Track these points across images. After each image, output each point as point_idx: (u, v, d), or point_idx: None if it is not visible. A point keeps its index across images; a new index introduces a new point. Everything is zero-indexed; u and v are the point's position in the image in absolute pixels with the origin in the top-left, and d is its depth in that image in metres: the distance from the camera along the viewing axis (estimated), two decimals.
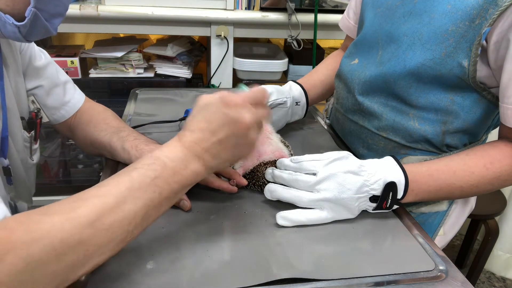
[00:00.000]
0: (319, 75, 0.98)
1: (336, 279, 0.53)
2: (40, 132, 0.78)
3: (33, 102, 0.76)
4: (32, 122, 0.74)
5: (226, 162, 0.55)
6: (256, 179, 0.69)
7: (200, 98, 0.54)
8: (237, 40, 1.57)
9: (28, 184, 0.77)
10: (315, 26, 1.50)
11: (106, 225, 0.44)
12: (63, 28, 1.41)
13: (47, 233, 0.41)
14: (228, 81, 1.58)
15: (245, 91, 0.54)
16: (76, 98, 0.82)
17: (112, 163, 0.76)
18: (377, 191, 0.62)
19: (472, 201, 0.83)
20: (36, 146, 0.77)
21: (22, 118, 0.72)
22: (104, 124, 0.79)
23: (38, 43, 0.79)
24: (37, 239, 0.40)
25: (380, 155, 0.67)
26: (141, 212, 0.47)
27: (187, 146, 0.51)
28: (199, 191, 0.67)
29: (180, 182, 0.50)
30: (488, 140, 0.74)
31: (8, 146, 0.65)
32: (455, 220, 0.80)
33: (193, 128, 0.52)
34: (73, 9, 1.36)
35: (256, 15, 1.46)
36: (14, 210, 0.69)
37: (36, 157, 0.78)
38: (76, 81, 0.86)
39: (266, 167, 0.68)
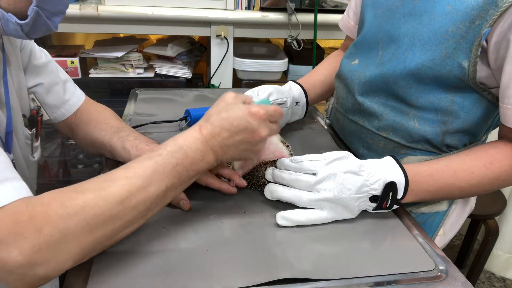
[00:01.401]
0: (319, 75, 0.98)
1: (336, 279, 0.53)
2: (41, 131, 0.78)
3: (33, 100, 0.77)
4: (33, 120, 0.75)
5: (232, 159, 0.63)
6: (256, 179, 0.69)
7: (229, 96, 0.61)
8: (237, 40, 1.57)
9: (30, 181, 0.78)
10: (315, 26, 1.50)
11: (133, 204, 0.50)
12: (63, 28, 1.41)
13: (82, 209, 0.46)
14: (228, 81, 1.58)
15: (267, 105, 0.61)
16: (76, 96, 0.83)
17: (112, 163, 0.76)
18: (377, 191, 0.62)
19: (472, 201, 0.83)
20: (37, 144, 0.78)
21: (24, 116, 0.73)
22: (104, 124, 0.79)
23: (38, 43, 0.80)
24: (73, 214, 0.45)
25: (380, 155, 0.67)
26: (162, 193, 0.53)
27: (207, 139, 0.57)
28: (199, 191, 0.67)
29: (196, 170, 0.57)
30: (488, 140, 0.74)
31: (12, 141, 0.67)
32: (455, 220, 0.80)
33: (216, 123, 0.58)
34: (73, 9, 1.36)
35: (256, 15, 1.46)
36: None
37: (37, 155, 0.79)
38: (76, 81, 0.86)
39: (266, 167, 0.68)
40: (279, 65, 1.55)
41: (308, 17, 1.48)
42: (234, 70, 1.58)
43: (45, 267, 0.44)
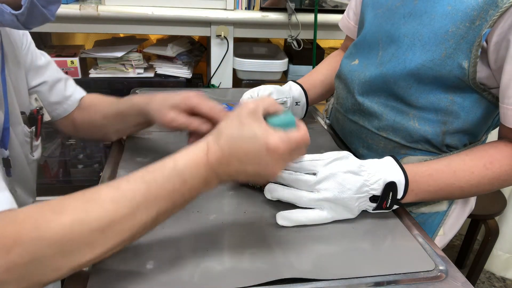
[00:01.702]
0: (319, 75, 0.98)
1: (336, 279, 0.53)
2: (41, 130, 0.79)
3: (36, 100, 0.78)
4: (32, 118, 0.76)
5: (236, 180, 0.56)
6: None
7: (245, 111, 0.50)
8: (237, 40, 1.57)
9: (30, 179, 0.79)
10: (315, 26, 1.49)
11: (115, 232, 0.45)
12: (63, 28, 1.41)
13: (56, 233, 0.42)
14: (228, 81, 1.58)
15: (291, 134, 0.50)
16: (77, 92, 0.85)
17: (113, 164, 0.76)
18: (377, 191, 0.62)
19: (472, 201, 0.83)
20: (37, 142, 0.79)
21: (23, 113, 0.73)
22: (108, 100, 0.83)
23: (38, 42, 0.81)
24: (46, 237, 0.42)
25: (380, 155, 0.67)
26: (151, 220, 0.48)
27: (213, 167, 0.50)
28: None
29: (193, 195, 0.51)
30: (488, 140, 0.74)
31: (9, 137, 0.66)
32: (455, 220, 0.80)
33: (226, 150, 0.49)
34: (73, 9, 1.36)
35: (256, 15, 1.46)
36: None
37: (37, 154, 0.79)
38: (76, 81, 0.88)
39: None
40: (279, 65, 1.55)
41: (308, 17, 1.48)
42: (234, 70, 1.58)
43: (16, 285, 0.42)
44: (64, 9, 1.34)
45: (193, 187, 0.50)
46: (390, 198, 0.63)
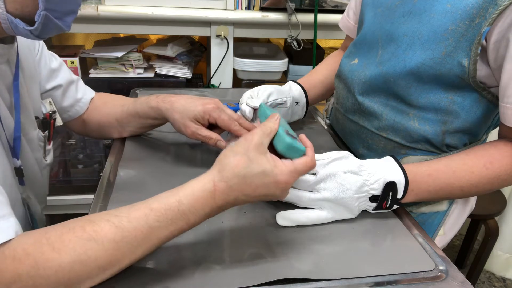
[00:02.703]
0: (319, 75, 0.98)
1: (336, 279, 0.53)
2: (53, 134, 0.80)
3: (50, 103, 0.78)
4: (45, 122, 0.76)
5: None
6: None
7: (253, 146, 0.50)
8: (237, 40, 1.56)
9: (42, 184, 0.79)
10: (315, 26, 1.49)
11: (116, 267, 0.47)
12: None
13: (55, 273, 0.43)
14: (228, 81, 1.58)
15: (300, 165, 0.52)
16: (87, 94, 0.86)
17: (113, 164, 0.76)
18: (377, 191, 0.62)
19: (472, 201, 0.83)
20: (49, 146, 0.79)
21: (37, 118, 0.74)
22: (121, 100, 0.84)
23: None
24: (44, 277, 0.42)
25: (380, 155, 0.67)
26: (150, 251, 0.50)
27: (219, 205, 0.51)
28: None
29: (192, 227, 0.51)
30: (488, 140, 0.74)
31: (20, 146, 0.66)
32: (455, 220, 0.80)
33: (235, 187, 0.50)
34: None
35: (256, 15, 1.46)
36: (27, 210, 0.70)
37: (49, 158, 0.80)
38: None
39: None
40: (279, 65, 1.55)
41: (308, 17, 1.48)
42: (234, 70, 1.58)
43: None
44: None
45: (195, 223, 0.51)
46: (390, 198, 0.63)
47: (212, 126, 0.73)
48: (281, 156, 0.53)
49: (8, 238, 0.43)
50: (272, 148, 0.54)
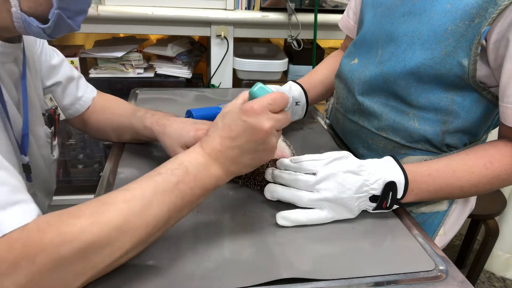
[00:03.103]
0: (319, 75, 0.98)
1: (336, 279, 0.53)
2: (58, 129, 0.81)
3: (51, 99, 0.79)
4: (51, 118, 0.77)
5: (247, 167, 0.56)
6: (256, 179, 0.69)
7: (224, 106, 0.57)
8: (237, 40, 1.57)
9: (50, 180, 0.80)
10: (315, 26, 1.49)
11: (132, 229, 0.47)
12: None
13: (77, 236, 0.44)
14: (228, 81, 1.58)
15: (266, 94, 0.53)
16: (89, 92, 0.86)
17: (113, 164, 0.76)
18: (377, 191, 0.62)
19: (472, 201, 0.83)
20: (55, 142, 0.80)
21: (43, 114, 0.75)
22: (119, 109, 0.83)
23: None
24: (68, 241, 0.43)
25: (380, 155, 0.67)
26: (164, 216, 0.50)
27: (208, 152, 0.53)
28: None
29: (201, 187, 0.52)
30: (488, 140, 0.74)
31: (28, 143, 0.67)
32: (455, 220, 0.80)
33: (214, 134, 0.54)
34: None
35: (256, 15, 1.46)
36: None
37: (56, 153, 0.81)
38: None
39: (267, 167, 0.67)
40: (279, 65, 1.55)
41: (308, 17, 1.48)
42: (234, 70, 1.58)
43: None
44: None
45: (197, 176, 0.52)
46: (390, 198, 0.63)
47: None
48: None
49: (32, 218, 0.45)
50: None
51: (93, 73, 1.50)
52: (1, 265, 0.41)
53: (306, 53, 1.58)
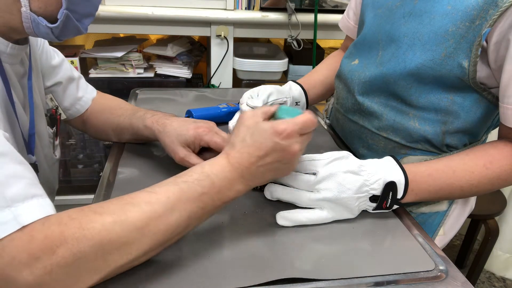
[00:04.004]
0: (319, 75, 0.98)
1: (336, 279, 0.53)
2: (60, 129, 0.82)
3: (51, 99, 0.79)
4: (53, 119, 0.77)
5: (266, 181, 0.58)
6: None
7: (247, 117, 0.56)
8: (237, 40, 1.57)
9: (52, 180, 0.80)
10: (315, 26, 1.50)
11: (152, 232, 0.48)
12: None
13: (98, 232, 0.44)
14: (228, 81, 1.58)
15: (297, 117, 0.55)
16: (89, 93, 0.86)
17: (113, 164, 0.76)
18: (377, 191, 0.62)
19: (472, 201, 0.83)
20: (57, 142, 0.81)
21: (46, 115, 0.76)
22: (119, 109, 0.83)
23: None
24: (89, 237, 0.44)
25: (380, 155, 0.67)
26: (184, 223, 0.50)
27: (235, 167, 0.54)
28: None
29: (222, 200, 0.53)
30: (488, 140, 0.74)
31: (35, 143, 0.68)
32: (455, 220, 0.80)
33: (242, 150, 0.54)
34: None
35: (256, 15, 1.46)
36: None
37: (58, 153, 0.81)
38: None
39: None
40: (279, 65, 1.55)
41: (308, 17, 1.48)
42: (234, 70, 1.58)
43: None
44: None
45: (221, 189, 0.53)
46: (390, 198, 0.63)
47: (207, 149, 0.72)
48: None
49: (48, 212, 0.45)
50: None
51: (93, 73, 1.50)
52: (20, 256, 0.41)
53: (306, 53, 1.58)
